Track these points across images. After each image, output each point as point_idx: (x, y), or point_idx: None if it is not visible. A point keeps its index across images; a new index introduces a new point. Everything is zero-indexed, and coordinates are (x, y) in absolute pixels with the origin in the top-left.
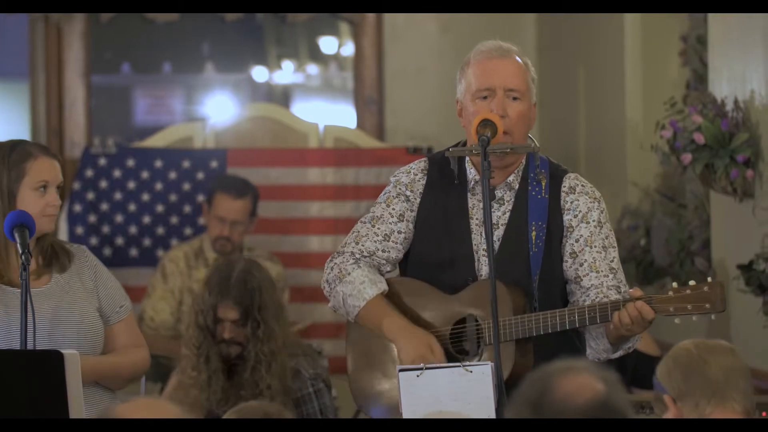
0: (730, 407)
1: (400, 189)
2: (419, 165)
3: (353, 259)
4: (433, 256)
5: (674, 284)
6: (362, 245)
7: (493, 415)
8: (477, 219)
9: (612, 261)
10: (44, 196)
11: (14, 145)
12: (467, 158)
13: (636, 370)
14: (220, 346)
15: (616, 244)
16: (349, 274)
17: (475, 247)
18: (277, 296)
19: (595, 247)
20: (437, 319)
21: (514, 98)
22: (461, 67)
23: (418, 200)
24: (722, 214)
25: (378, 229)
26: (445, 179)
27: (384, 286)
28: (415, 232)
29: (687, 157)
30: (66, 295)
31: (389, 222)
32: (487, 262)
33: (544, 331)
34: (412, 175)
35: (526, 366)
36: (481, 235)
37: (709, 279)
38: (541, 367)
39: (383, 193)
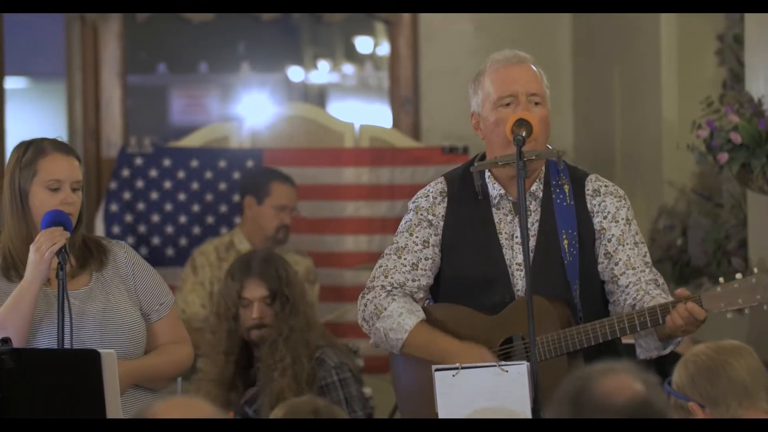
0: (761, 407)
1: (421, 215)
2: (437, 187)
3: (385, 292)
4: (465, 277)
5: (721, 279)
6: (391, 278)
7: (528, 415)
8: (505, 234)
9: (645, 256)
10: (57, 195)
11: (30, 143)
12: (487, 173)
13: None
14: (251, 332)
15: (644, 240)
16: (385, 309)
17: (507, 263)
18: (300, 280)
19: (628, 244)
20: (482, 341)
21: (536, 103)
22: (474, 80)
23: (442, 223)
24: (759, 214)
25: (404, 259)
26: (465, 197)
27: (422, 315)
28: (443, 255)
29: (723, 157)
30: (110, 295)
31: (414, 251)
32: (522, 276)
33: (594, 341)
34: (431, 199)
35: None
36: (512, 249)
37: (755, 269)
38: (582, 368)
39: (404, 221)
